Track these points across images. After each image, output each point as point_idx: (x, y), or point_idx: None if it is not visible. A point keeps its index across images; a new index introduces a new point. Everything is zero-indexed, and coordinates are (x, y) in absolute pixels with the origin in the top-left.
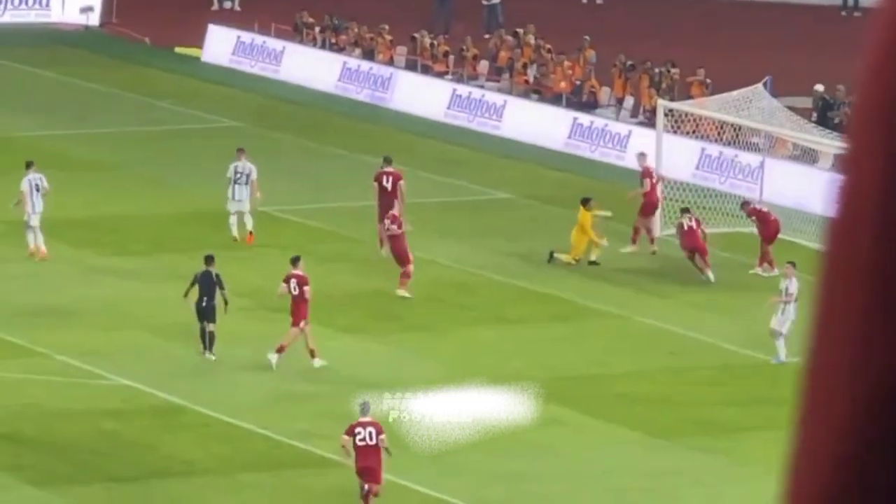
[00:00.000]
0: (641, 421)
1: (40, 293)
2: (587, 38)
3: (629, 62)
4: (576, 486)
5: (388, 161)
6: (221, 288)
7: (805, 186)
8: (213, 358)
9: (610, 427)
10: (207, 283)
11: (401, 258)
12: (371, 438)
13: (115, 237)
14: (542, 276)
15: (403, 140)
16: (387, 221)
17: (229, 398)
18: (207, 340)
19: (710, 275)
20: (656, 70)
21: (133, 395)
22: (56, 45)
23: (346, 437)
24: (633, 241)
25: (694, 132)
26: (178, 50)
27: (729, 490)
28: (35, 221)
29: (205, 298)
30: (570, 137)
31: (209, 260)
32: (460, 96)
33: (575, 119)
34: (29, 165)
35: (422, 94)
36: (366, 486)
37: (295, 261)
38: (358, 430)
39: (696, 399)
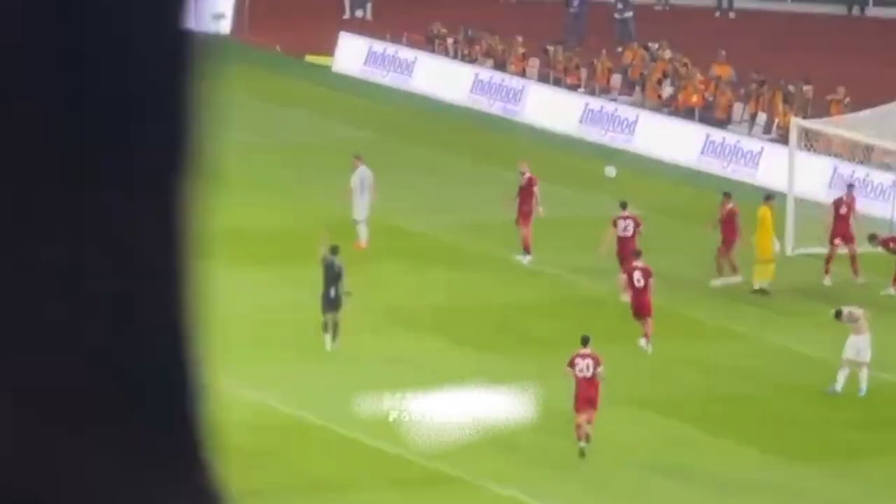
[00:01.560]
0: (774, 442)
1: None
2: (723, 52)
3: (761, 78)
4: None
5: (624, 206)
6: (341, 279)
7: None
8: (338, 348)
9: (742, 448)
10: (331, 274)
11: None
12: (588, 370)
13: (247, 249)
14: (673, 294)
15: (535, 153)
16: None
17: (361, 415)
18: (332, 330)
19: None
20: (789, 87)
21: (264, 409)
22: None
23: (567, 368)
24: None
25: (827, 150)
26: (309, 58)
27: None
28: None
29: (331, 289)
30: (702, 153)
31: (334, 250)
32: (592, 110)
33: (707, 135)
34: None
35: (554, 107)
36: (580, 423)
37: (638, 254)
38: (577, 360)
39: (829, 420)
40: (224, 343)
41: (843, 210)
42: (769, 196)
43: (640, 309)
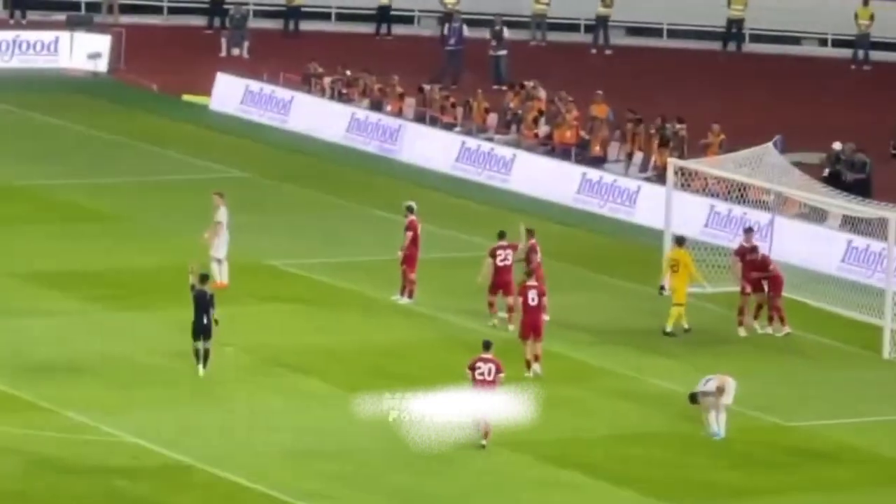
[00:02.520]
0: (649, 484)
1: (48, 347)
2: (600, 92)
3: (636, 116)
4: None
5: (502, 235)
6: (212, 307)
7: (814, 245)
8: (208, 373)
9: (618, 490)
10: (202, 302)
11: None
12: (490, 374)
13: (124, 290)
14: (549, 334)
15: (411, 193)
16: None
17: (238, 457)
18: (202, 357)
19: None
20: (666, 126)
21: (142, 452)
22: (64, 91)
23: (468, 371)
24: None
25: (704, 189)
26: (185, 98)
27: None
28: None
29: (203, 317)
30: (578, 192)
31: (203, 279)
32: (469, 149)
33: (584, 174)
34: None
35: (430, 147)
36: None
37: (530, 273)
38: (478, 364)
39: (703, 462)
40: (103, 386)
41: (750, 256)
42: (681, 239)
43: (533, 329)
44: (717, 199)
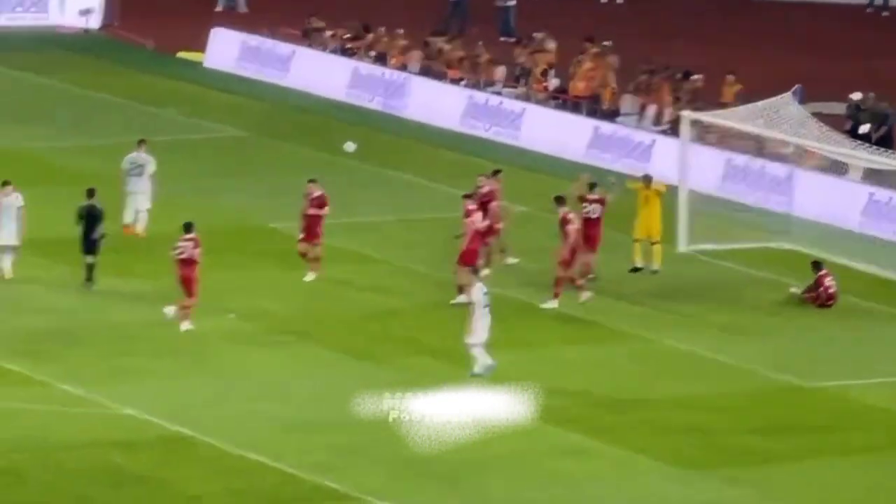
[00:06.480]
0: (668, 450)
1: (41, 318)
2: (607, 43)
3: (650, 67)
4: None
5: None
6: (100, 221)
7: (835, 199)
8: (94, 287)
9: (635, 456)
10: (92, 217)
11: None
12: (595, 213)
13: (118, 257)
14: (564, 295)
15: (418, 150)
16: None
17: (241, 429)
18: (86, 272)
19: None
20: (678, 76)
21: (140, 425)
22: (54, 50)
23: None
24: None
25: (720, 142)
26: (181, 55)
27: None
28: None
29: (94, 232)
30: (590, 147)
31: (91, 193)
32: (477, 104)
33: (596, 128)
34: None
35: (436, 102)
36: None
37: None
38: (585, 204)
39: (725, 427)
40: (98, 357)
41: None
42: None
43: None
44: (735, 152)
